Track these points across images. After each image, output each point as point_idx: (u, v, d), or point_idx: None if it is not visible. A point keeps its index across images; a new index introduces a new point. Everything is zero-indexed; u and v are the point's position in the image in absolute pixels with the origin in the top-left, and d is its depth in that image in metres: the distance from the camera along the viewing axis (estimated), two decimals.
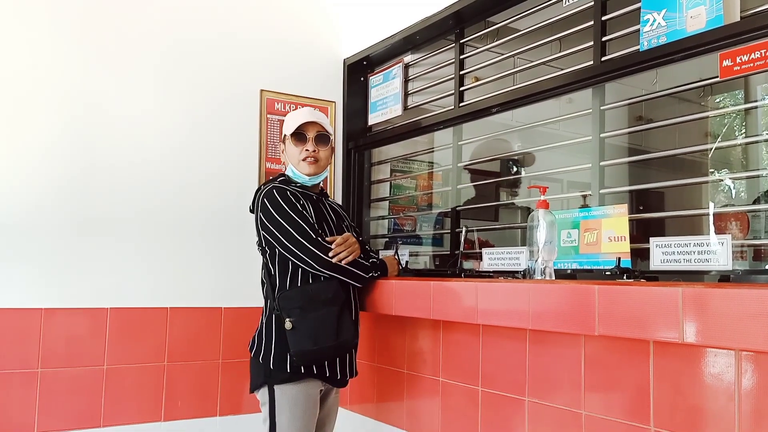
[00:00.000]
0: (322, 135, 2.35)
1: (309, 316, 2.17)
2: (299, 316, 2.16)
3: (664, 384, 1.68)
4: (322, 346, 2.17)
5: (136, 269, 2.89)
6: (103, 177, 2.85)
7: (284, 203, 2.21)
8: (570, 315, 1.66)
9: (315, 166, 2.33)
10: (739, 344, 1.33)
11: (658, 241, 1.80)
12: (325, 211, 2.39)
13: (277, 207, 2.21)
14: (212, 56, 3.13)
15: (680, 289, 1.40)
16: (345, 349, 2.26)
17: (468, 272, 2.51)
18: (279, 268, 2.26)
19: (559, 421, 1.95)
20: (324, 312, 2.18)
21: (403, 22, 3.07)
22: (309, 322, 2.16)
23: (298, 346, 2.15)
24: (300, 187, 2.35)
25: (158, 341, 2.92)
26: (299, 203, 2.25)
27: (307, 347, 2.15)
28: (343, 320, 2.22)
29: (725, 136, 3.22)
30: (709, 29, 1.87)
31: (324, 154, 2.36)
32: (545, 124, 2.62)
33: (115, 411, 2.80)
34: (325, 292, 2.21)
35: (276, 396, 2.19)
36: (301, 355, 2.16)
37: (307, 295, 2.21)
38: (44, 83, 2.75)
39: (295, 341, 2.15)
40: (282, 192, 2.24)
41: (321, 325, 2.17)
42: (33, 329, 2.67)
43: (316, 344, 2.16)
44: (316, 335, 2.16)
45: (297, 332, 2.15)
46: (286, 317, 2.16)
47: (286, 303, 2.19)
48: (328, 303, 2.20)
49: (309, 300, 2.19)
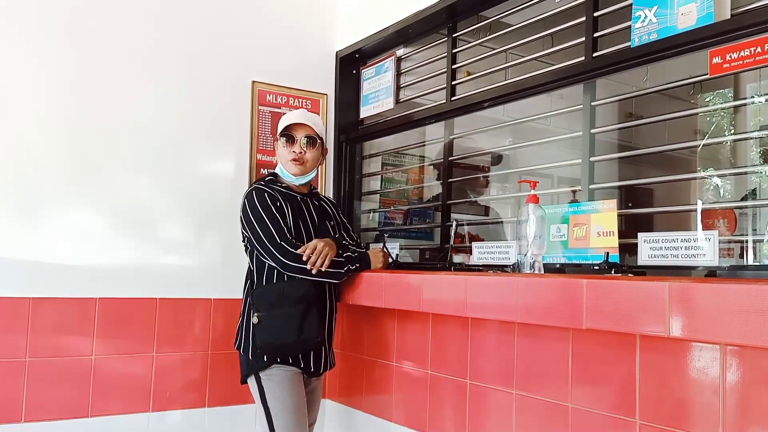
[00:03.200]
0: (310, 138, 2.41)
1: (275, 313, 2.29)
2: (267, 311, 2.29)
3: (650, 378, 1.70)
4: (284, 341, 2.29)
5: (125, 259, 2.88)
6: (93, 167, 2.83)
7: (259, 205, 2.32)
8: (558, 309, 1.67)
9: (302, 167, 2.41)
10: (725, 338, 1.36)
11: (646, 237, 1.81)
12: (306, 212, 2.45)
13: (253, 208, 2.32)
14: (204, 47, 3.11)
15: (667, 284, 1.41)
16: (307, 345, 2.35)
17: (458, 266, 2.52)
18: (257, 264, 2.38)
19: (546, 414, 1.97)
20: (290, 309, 2.29)
21: (396, 15, 3.06)
22: (274, 319, 2.29)
23: (261, 339, 2.29)
24: (285, 188, 2.43)
25: (147, 332, 2.91)
26: (276, 205, 2.34)
27: (269, 340, 2.29)
28: (309, 318, 2.31)
29: (713, 135, 3.24)
30: (699, 26, 1.88)
31: (311, 156, 2.42)
32: (536, 120, 2.63)
33: (103, 401, 2.79)
34: (296, 290, 2.31)
35: (263, 381, 2.31)
36: (264, 348, 2.29)
37: (277, 292, 2.32)
38: (34, 72, 2.73)
39: (260, 335, 2.29)
40: (260, 193, 2.34)
41: (285, 321, 2.29)
42: (21, 318, 2.65)
43: (279, 339, 2.29)
44: (279, 331, 2.29)
45: (262, 327, 2.29)
46: (255, 312, 2.29)
47: (257, 299, 2.33)
48: (297, 301, 2.30)
49: (279, 297, 2.30)
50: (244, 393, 3.02)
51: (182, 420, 2.96)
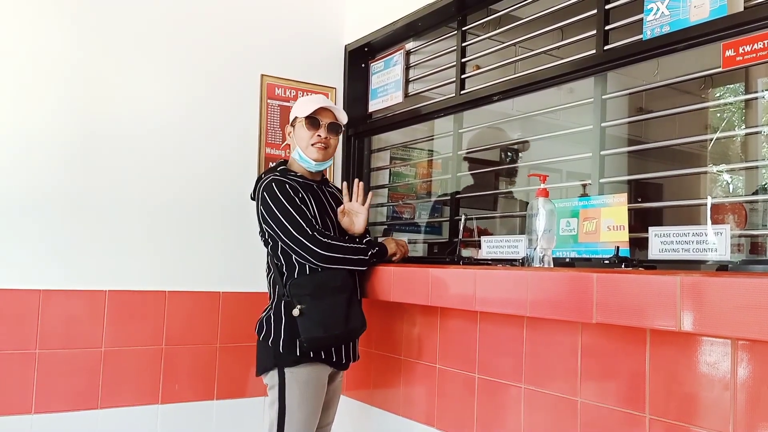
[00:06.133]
0: (335, 124, 2.38)
1: (319, 304, 2.21)
2: (310, 303, 2.20)
3: (660, 372, 1.69)
4: (332, 334, 2.22)
5: (135, 252, 2.89)
6: (103, 160, 2.84)
7: (282, 197, 2.24)
8: (568, 303, 1.66)
9: (324, 152, 2.36)
10: (736, 333, 1.34)
11: (656, 231, 1.80)
12: (325, 200, 2.41)
13: (275, 201, 2.24)
14: (214, 40, 3.11)
15: (678, 278, 1.40)
16: (353, 336, 2.31)
17: (466, 260, 2.51)
18: (284, 256, 2.30)
19: (555, 408, 1.97)
20: (334, 299, 2.23)
21: (406, 8, 3.05)
22: (319, 310, 2.21)
23: (309, 332, 2.19)
24: (300, 177, 2.37)
25: (156, 324, 2.92)
26: (298, 196, 2.28)
27: (317, 334, 2.19)
28: (353, 308, 2.27)
29: (724, 131, 3.22)
30: (712, 19, 1.86)
31: (333, 143, 2.39)
32: (545, 114, 2.61)
33: (112, 393, 2.81)
34: (334, 279, 2.26)
35: (286, 378, 2.23)
36: (311, 342, 2.20)
37: (316, 282, 2.25)
38: (44, 63, 2.74)
39: (306, 328, 2.19)
40: (281, 185, 2.27)
41: (331, 312, 2.22)
42: (31, 310, 2.67)
43: (326, 331, 2.21)
44: (326, 322, 2.21)
45: (307, 319, 2.20)
46: (297, 304, 2.20)
47: (296, 290, 2.24)
48: (339, 290, 2.25)
49: (318, 287, 2.23)
50: (252, 386, 3.05)
51: (191, 412, 2.97)
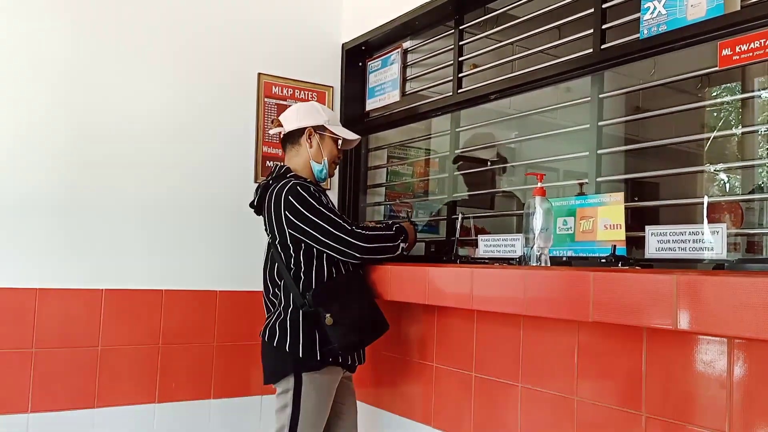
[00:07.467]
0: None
1: (348, 309, 2.23)
2: (339, 311, 2.21)
3: (656, 371, 1.69)
4: (363, 337, 2.29)
5: (132, 251, 2.89)
6: (100, 159, 2.83)
7: (314, 200, 2.25)
8: (565, 301, 1.67)
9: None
10: (732, 332, 1.34)
11: (653, 230, 1.80)
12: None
13: (306, 205, 2.24)
14: (210, 39, 3.11)
15: (675, 277, 1.40)
16: (379, 336, 2.34)
17: (463, 259, 2.51)
18: (304, 263, 2.28)
19: (552, 407, 1.97)
20: (360, 303, 2.28)
21: (403, 7, 3.05)
22: (349, 316, 2.23)
23: (345, 339, 2.21)
24: (312, 183, 2.40)
25: (153, 323, 2.92)
26: (323, 198, 2.32)
27: (353, 339, 2.24)
28: (376, 308, 2.33)
29: (721, 130, 3.23)
30: (709, 18, 1.86)
31: None
32: (542, 113, 2.61)
33: (109, 392, 2.80)
34: (355, 281, 2.32)
35: (303, 383, 2.22)
36: (347, 348, 2.25)
37: (341, 287, 2.28)
38: (40, 62, 2.73)
39: (341, 335, 2.20)
40: (306, 188, 2.28)
41: (360, 316, 2.27)
42: (28, 309, 2.66)
43: (361, 335, 2.28)
44: (359, 327, 2.26)
45: (340, 326, 2.20)
46: (326, 313, 2.19)
47: (321, 299, 2.23)
48: (363, 293, 2.31)
49: (344, 292, 2.27)
50: (248, 385, 3.04)
51: (187, 411, 2.97)
